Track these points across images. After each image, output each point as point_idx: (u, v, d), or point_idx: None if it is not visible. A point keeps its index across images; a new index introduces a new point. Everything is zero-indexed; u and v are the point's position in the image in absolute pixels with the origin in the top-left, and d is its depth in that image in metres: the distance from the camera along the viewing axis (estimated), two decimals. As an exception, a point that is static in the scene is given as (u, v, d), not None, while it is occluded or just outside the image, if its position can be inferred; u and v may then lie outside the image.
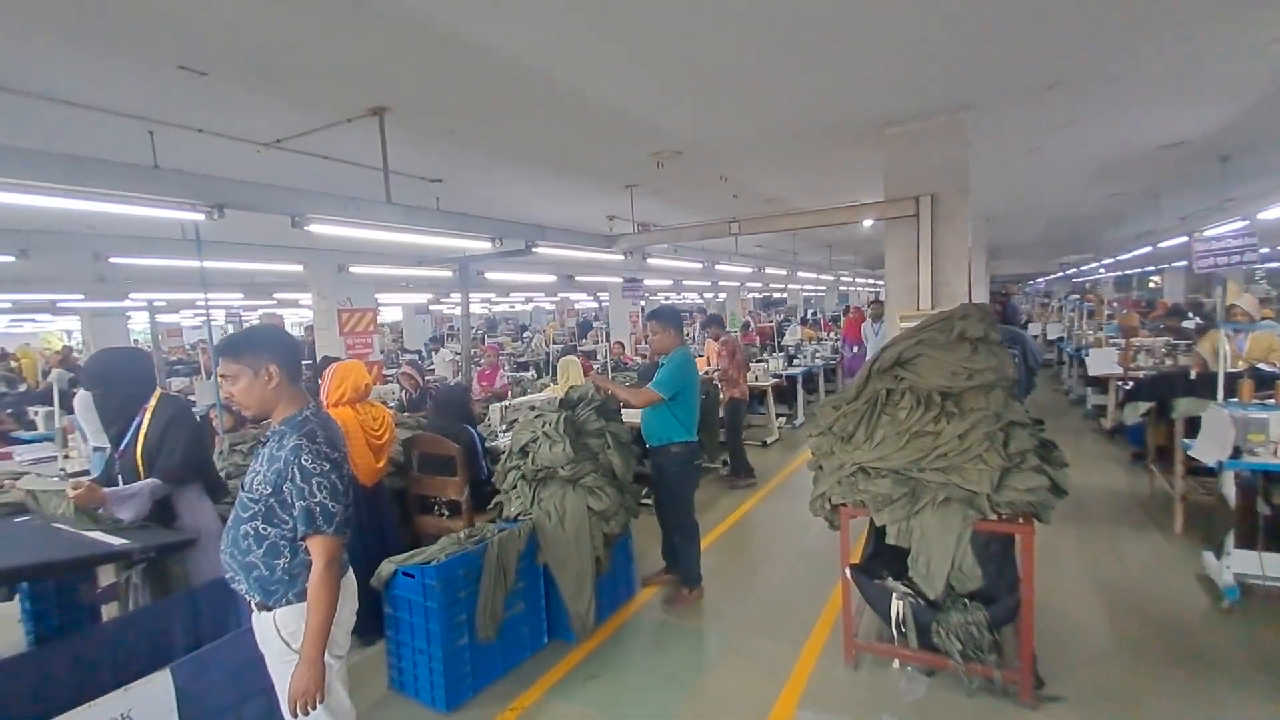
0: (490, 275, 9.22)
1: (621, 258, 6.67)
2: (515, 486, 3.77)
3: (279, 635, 1.87)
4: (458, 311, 22.24)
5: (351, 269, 6.88)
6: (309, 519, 1.80)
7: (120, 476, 2.78)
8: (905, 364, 3.04)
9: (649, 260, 7.49)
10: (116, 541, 2.47)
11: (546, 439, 3.66)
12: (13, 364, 11.71)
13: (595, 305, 24.66)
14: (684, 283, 15.52)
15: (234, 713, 2.28)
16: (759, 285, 20.60)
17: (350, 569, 2.04)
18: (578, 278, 12.35)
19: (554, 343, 12.26)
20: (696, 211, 7.47)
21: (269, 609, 1.87)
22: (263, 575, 1.85)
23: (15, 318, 15.77)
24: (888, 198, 4.49)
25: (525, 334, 19.26)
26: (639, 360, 9.89)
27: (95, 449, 4.21)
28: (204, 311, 4.65)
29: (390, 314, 18.89)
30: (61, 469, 4.20)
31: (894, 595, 2.89)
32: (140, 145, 3.74)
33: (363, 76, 3.22)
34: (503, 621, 3.16)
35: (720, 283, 15.79)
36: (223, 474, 3.20)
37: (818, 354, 9.85)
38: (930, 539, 2.79)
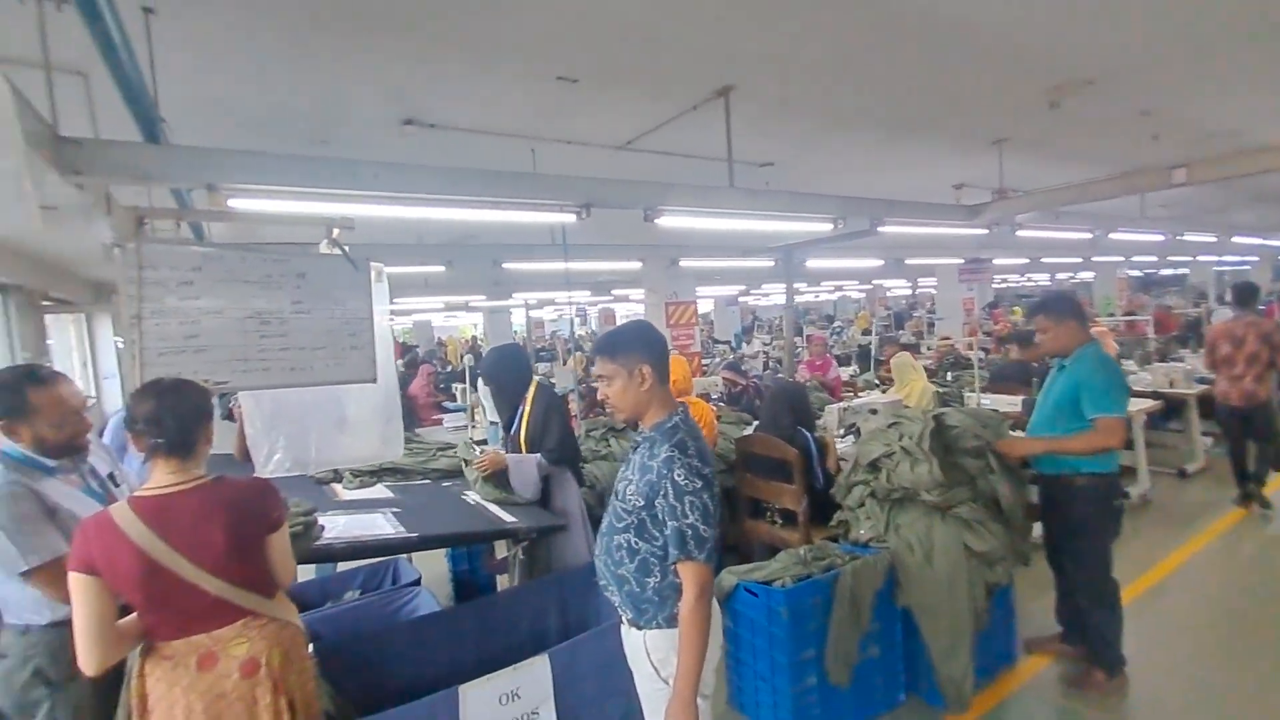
0: (810, 263, 8.72)
1: (984, 231, 5.51)
2: (863, 504, 3.26)
3: (648, 659, 1.73)
4: (762, 303, 22.32)
5: (681, 263, 7.17)
6: (680, 542, 1.60)
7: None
8: None
9: (1019, 233, 6.09)
10: (508, 518, 2.74)
11: (906, 456, 3.05)
12: (444, 350, 15.84)
13: (908, 292, 22.34)
14: (1042, 260, 12.73)
15: (598, 707, 2.30)
16: (1147, 259, 15.90)
17: (715, 600, 1.81)
18: (907, 260, 11.01)
19: (870, 333, 11.21)
20: (1087, 164, 5.81)
21: (639, 628, 1.74)
22: (634, 591, 1.72)
23: (446, 314, 21.07)
24: None
25: (834, 324, 18.28)
26: (982, 354, 8.32)
27: (491, 423, 5.05)
28: (563, 307, 5.11)
29: (702, 305, 19.87)
30: (469, 437, 5.11)
31: None
32: (523, 163, 4.25)
33: (711, 55, 3.05)
34: (854, 666, 2.71)
35: (1096, 258, 12.53)
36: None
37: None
38: None
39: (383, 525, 2.47)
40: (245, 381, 1.95)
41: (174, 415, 1.61)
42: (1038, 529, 3.21)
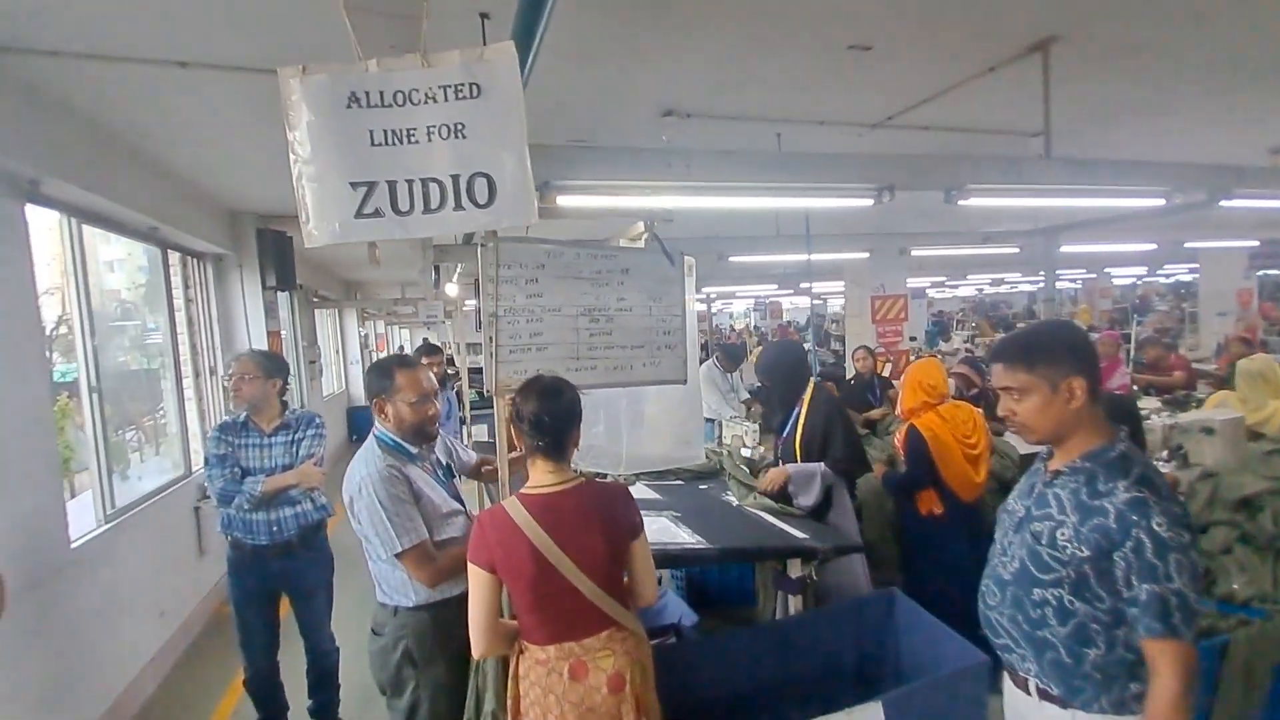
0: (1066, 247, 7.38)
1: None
2: (1230, 551, 2.59)
3: (1076, 746, 1.39)
4: (940, 295, 19.80)
5: (914, 252, 6.54)
6: (1163, 613, 1.23)
7: (780, 461, 2.94)
8: None
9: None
10: (798, 533, 2.52)
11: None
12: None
13: (1131, 281, 18.74)
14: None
15: (930, 765, 2.00)
16: None
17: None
18: (1187, 244, 9.14)
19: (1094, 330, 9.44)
20: None
21: (1064, 706, 1.40)
22: (1062, 661, 1.38)
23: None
24: None
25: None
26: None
27: (707, 419, 4.88)
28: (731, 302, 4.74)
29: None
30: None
31: None
32: (768, 147, 4.01)
33: (1026, 4, 2.55)
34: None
35: None
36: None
37: None
38: None
39: (680, 534, 2.36)
40: (576, 381, 1.91)
41: (554, 417, 1.58)
42: None
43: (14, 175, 2.79)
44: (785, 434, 2.90)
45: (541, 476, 1.60)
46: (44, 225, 3.32)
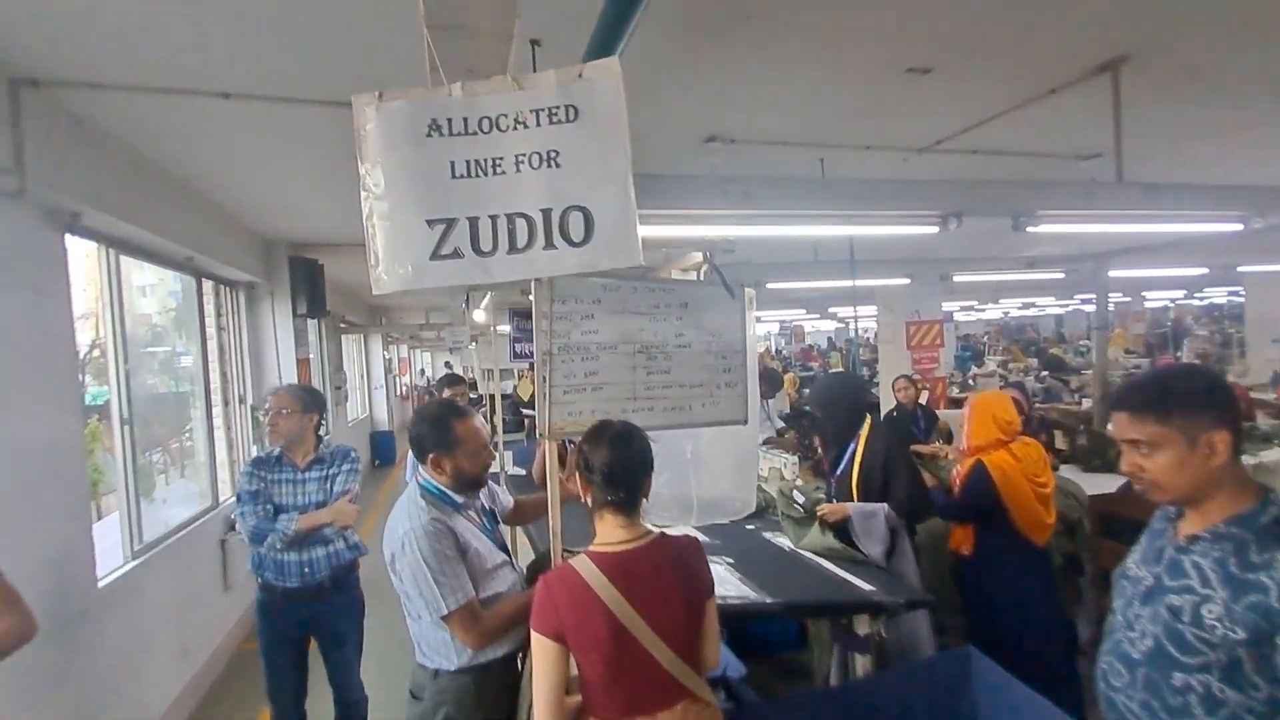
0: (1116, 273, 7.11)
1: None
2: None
3: None
4: (966, 318, 19.13)
5: (956, 278, 6.36)
6: None
7: (834, 500, 2.76)
8: None
9: None
10: (864, 584, 2.33)
11: None
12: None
13: (1164, 304, 18.13)
14: None
15: None
16: None
17: None
18: (1240, 267, 8.82)
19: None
20: None
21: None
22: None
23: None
24: None
25: (1078, 343, 15.53)
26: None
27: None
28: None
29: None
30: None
31: None
32: (811, 173, 3.90)
33: (1107, 20, 2.43)
34: None
35: None
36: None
37: None
38: None
39: (734, 582, 2.20)
40: (633, 423, 1.78)
41: (628, 467, 1.45)
42: None
43: (56, 207, 2.77)
44: (840, 471, 2.73)
45: (612, 532, 1.46)
46: (81, 251, 3.31)
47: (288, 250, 5.57)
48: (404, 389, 16.79)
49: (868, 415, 2.72)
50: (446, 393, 4.18)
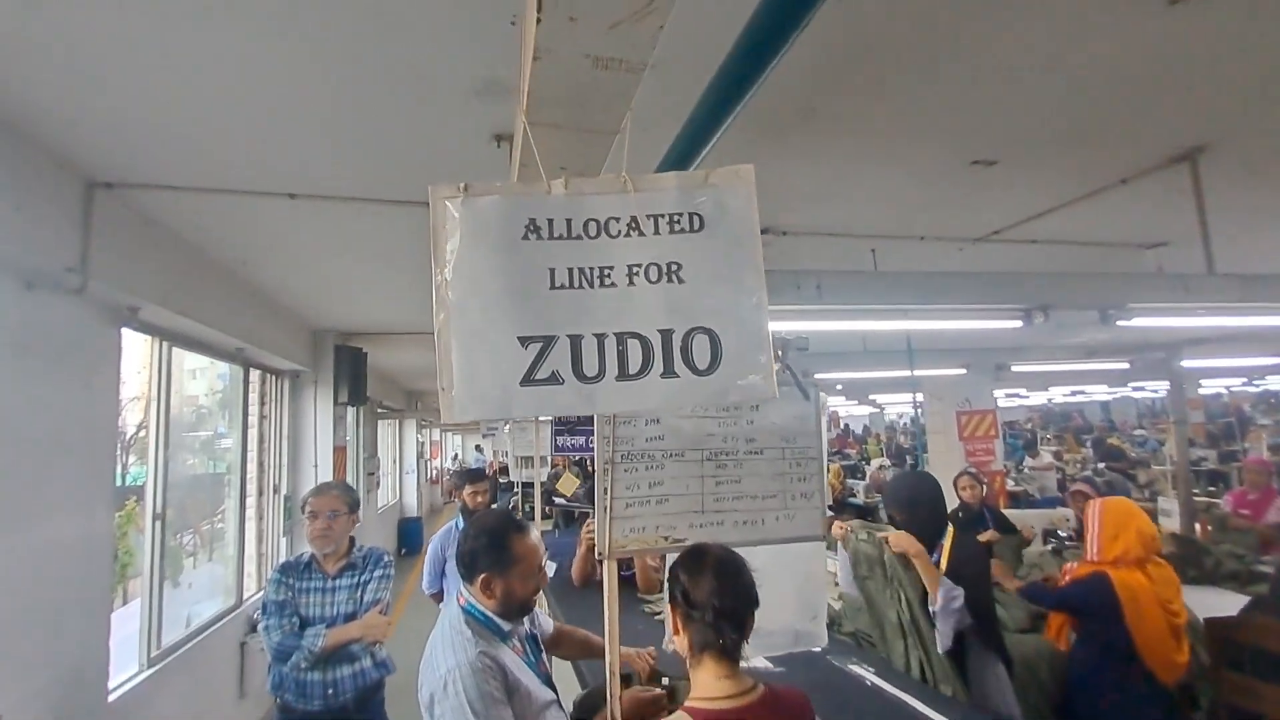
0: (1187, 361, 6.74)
1: None
2: None
3: None
4: (1010, 405, 18.25)
5: (1014, 368, 6.10)
6: None
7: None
8: None
9: None
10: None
11: None
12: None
13: (1216, 392, 17.16)
14: None
15: None
16: None
17: None
18: None
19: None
20: None
21: None
22: None
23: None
24: None
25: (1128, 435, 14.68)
26: None
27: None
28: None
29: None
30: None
31: None
32: (863, 264, 3.82)
33: (1184, 111, 2.34)
34: None
35: None
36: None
37: None
38: None
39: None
40: (699, 538, 1.58)
41: (740, 602, 1.24)
42: None
43: (116, 303, 2.81)
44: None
45: (715, 684, 1.23)
46: (137, 338, 3.34)
47: (335, 339, 5.64)
48: (434, 473, 16.66)
49: (949, 525, 2.45)
50: (467, 489, 3.63)
